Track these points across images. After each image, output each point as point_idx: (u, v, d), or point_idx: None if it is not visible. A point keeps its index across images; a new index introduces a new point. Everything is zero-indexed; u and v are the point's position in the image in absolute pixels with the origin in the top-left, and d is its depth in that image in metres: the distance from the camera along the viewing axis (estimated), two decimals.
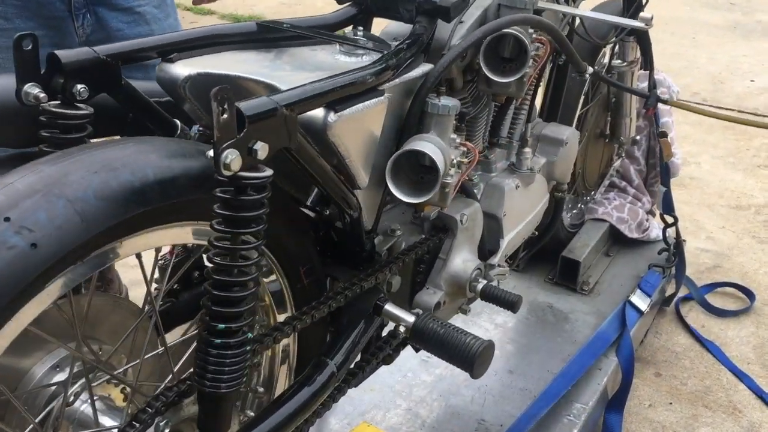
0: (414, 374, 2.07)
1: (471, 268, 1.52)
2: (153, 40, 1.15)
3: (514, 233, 1.68)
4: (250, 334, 0.95)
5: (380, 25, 1.46)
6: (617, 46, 2.21)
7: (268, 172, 0.91)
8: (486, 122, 1.68)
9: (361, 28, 1.33)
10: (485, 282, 1.49)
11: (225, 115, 0.83)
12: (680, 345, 2.55)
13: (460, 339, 1.23)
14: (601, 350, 2.13)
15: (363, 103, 1.05)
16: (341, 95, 1.01)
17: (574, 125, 1.98)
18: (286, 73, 1.14)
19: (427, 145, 1.21)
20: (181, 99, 1.14)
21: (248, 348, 0.95)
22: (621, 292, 2.42)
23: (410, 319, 1.30)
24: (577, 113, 2.00)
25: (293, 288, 1.26)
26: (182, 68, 1.13)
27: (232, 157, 0.84)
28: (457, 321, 2.22)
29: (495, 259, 1.63)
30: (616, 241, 2.66)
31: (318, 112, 1.01)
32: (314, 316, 1.20)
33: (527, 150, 1.69)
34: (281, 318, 1.26)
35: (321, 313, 1.20)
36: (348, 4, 1.41)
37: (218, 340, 0.93)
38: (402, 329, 1.29)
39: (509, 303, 1.45)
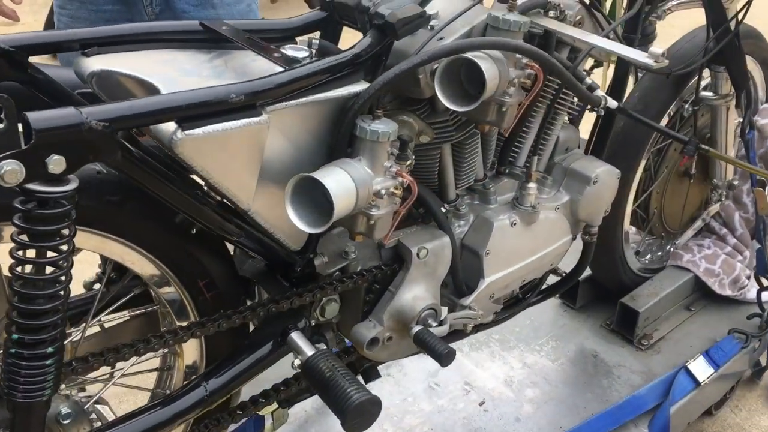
0: (414, 400, 1.96)
1: (420, 307, 1.39)
2: (78, 32, 1.15)
3: (500, 275, 1.51)
4: (51, 348, 0.92)
5: None
6: (712, 77, 1.91)
7: (69, 185, 0.87)
8: (487, 149, 1.52)
9: (316, 36, 1.24)
10: (420, 327, 1.36)
11: (1, 125, 0.80)
12: (760, 428, 2.19)
13: (342, 386, 1.13)
14: (629, 416, 1.88)
15: (227, 123, 0.97)
16: (188, 113, 0.94)
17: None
18: (191, 78, 1.09)
19: (334, 174, 1.11)
20: (94, 93, 1.13)
21: (49, 361, 0.93)
22: (687, 354, 2.11)
23: (308, 353, 1.21)
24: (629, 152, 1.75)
25: (195, 300, 1.22)
26: (92, 63, 1.12)
27: (7, 168, 0.81)
28: (484, 351, 2.08)
29: (467, 300, 1.48)
30: (705, 295, 2.33)
31: (166, 127, 0.95)
32: (201, 331, 1.15)
33: (531, 186, 1.51)
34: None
35: (206, 330, 1.15)
36: (317, 8, 1.33)
37: (14, 350, 0.91)
38: (297, 362, 1.21)
39: (437, 355, 1.31)
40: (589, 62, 1.60)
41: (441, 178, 1.47)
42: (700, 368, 2.01)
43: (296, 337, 1.25)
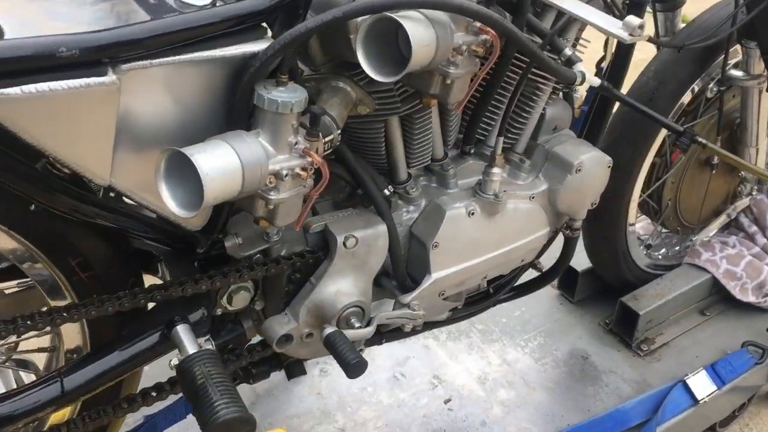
0: (374, 390, 1.79)
1: (343, 304, 1.21)
2: None
3: (451, 271, 1.31)
4: None
5: None
6: (743, 53, 1.63)
7: None
8: (446, 124, 1.30)
9: None
10: (334, 329, 1.17)
11: None
12: None
13: (210, 398, 0.96)
14: None
15: (55, 82, 0.80)
16: (7, 68, 0.77)
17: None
18: (58, 23, 0.92)
19: (212, 149, 0.92)
20: None
21: None
22: (691, 365, 1.88)
23: (188, 352, 1.05)
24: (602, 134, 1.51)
25: (70, 280, 1.07)
26: None
27: None
28: (462, 342, 1.89)
29: (407, 298, 1.29)
30: (723, 300, 2.07)
31: None
32: (62, 318, 1.00)
33: (495, 171, 1.29)
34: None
35: (69, 317, 1.00)
36: None
37: None
38: (174, 362, 1.05)
39: (344, 365, 1.13)
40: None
41: (389, 156, 1.27)
42: (701, 384, 1.78)
43: (182, 331, 1.09)
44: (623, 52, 1.41)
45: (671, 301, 1.93)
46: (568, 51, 1.20)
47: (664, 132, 1.68)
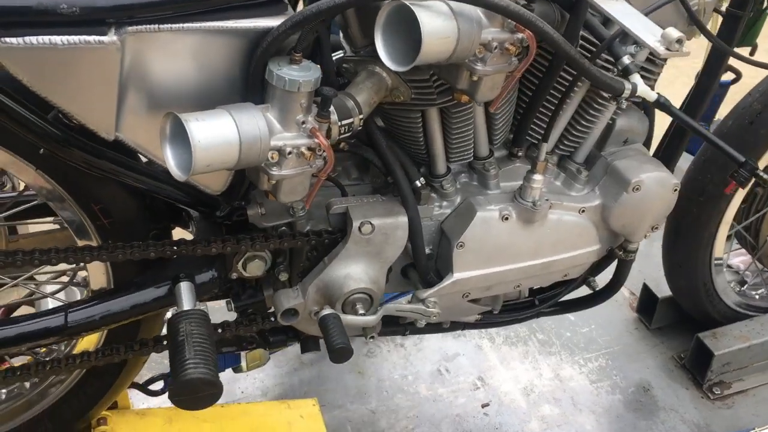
0: (415, 379, 1.78)
1: (350, 288, 1.20)
2: None
3: (475, 273, 1.27)
4: None
5: None
6: None
7: None
8: (492, 122, 1.25)
9: None
10: (331, 311, 1.17)
11: None
12: None
13: (183, 355, 1.00)
14: None
15: (55, 36, 0.84)
16: (7, 19, 0.83)
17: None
18: None
19: (211, 118, 0.94)
20: None
21: None
22: (766, 419, 1.71)
23: (182, 308, 1.09)
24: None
25: (94, 224, 1.14)
26: None
27: None
28: (519, 348, 1.82)
29: (424, 294, 1.26)
30: None
31: None
32: (85, 256, 1.08)
33: (536, 177, 1.22)
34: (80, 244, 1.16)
35: (92, 257, 1.08)
36: None
37: None
38: (168, 314, 1.10)
39: (329, 347, 1.12)
40: None
41: (428, 147, 1.24)
42: None
43: (183, 288, 1.13)
44: (714, 61, 1.28)
45: (757, 347, 1.76)
46: (626, 60, 1.10)
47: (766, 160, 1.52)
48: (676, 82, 1.57)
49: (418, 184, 1.24)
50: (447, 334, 1.89)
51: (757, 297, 1.87)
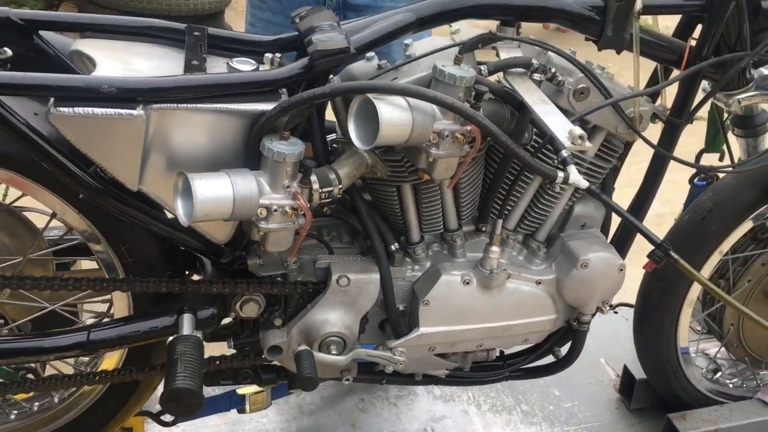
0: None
1: (326, 331, 1.41)
2: (82, 16, 1.38)
3: (439, 329, 1.46)
4: None
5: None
6: None
7: None
8: (459, 200, 1.47)
9: (279, 56, 1.33)
10: (305, 348, 1.37)
11: None
12: None
13: (176, 369, 1.22)
14: None
15: (96, 108, 1.12)
16: (63, 94, 1.11)
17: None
18: (136, 66, 1.26)
19: (213, 179, 1.19)
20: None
21: None
22: None
23: (181, 333, 1.32)
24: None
25: (121, 261, 1.40)
26: (77, 43, 1.34)
27: None
28: (502, 416, 1.96)
29: (392, 343, 1.46)
30: None
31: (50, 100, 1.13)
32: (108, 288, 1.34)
33: (493, 249, 1.43)
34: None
35: (114, 287, 1.33)
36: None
37: None
38: (170, 338, 1.32)
39: (298, 376, 1.32)
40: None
41: (403, 218, 1.47)
42: None
43: (186, 318, 1.36)
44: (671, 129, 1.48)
45: (723, 431, 1.86)
46: (564, 153, 1.32)
47: (722, 252, 1.67)
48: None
49: (393, 248, 1.46)
50: (437, 397, 2.05)
51: (730, 386, 1.97)
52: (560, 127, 1.19)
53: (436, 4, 1.34)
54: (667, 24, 1.50)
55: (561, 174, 1.28)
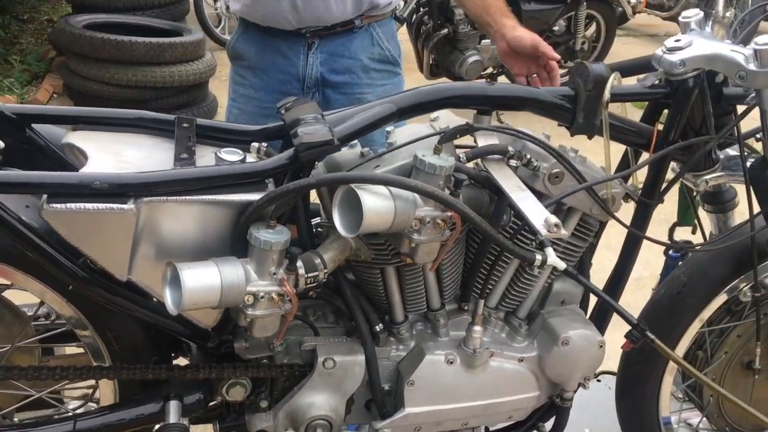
0: None
1: (312, 414, 1.42)
2: (73, 110, 1.43)
3: (424, 409, 1.48)
4: None
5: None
6: None
7: None
8: (441, 281, 1.50)
9: (265, 145, 1.38)
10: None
11: None
12: None
13: None
14: None
15: (88, 204, 1.16)
16: (57, 190, 1.15)
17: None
18: (126, 159, 1.30)
19: (201, 267, 1.22)
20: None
21: None
22: None
23: (167, 422, 1.33)
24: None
25: (108, 348, 1.41)
26: (70, 136, 1.38)
27: None
28: None
29: (379, 424, 1.47)
30: None
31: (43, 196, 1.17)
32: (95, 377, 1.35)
33: (476, 328, 1.46)
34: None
35: (101, 375, 1.34)
36: None
37: None
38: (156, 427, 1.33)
39: None
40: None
41: (387, 299, 1.50)
42: None
43: (172, 405, 1.38)
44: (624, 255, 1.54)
45: None
46: (542, 235, 1.36)
47: (699, 323, 1.71)
48: None
49: (378, 329, 1.49)
50: None
51: None
52: (537, 215, 1.23)
53: (416, 95, 1.41)
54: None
55: (539, 257, 1.33)
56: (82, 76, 4.34)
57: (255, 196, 1.27)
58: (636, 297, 2.04)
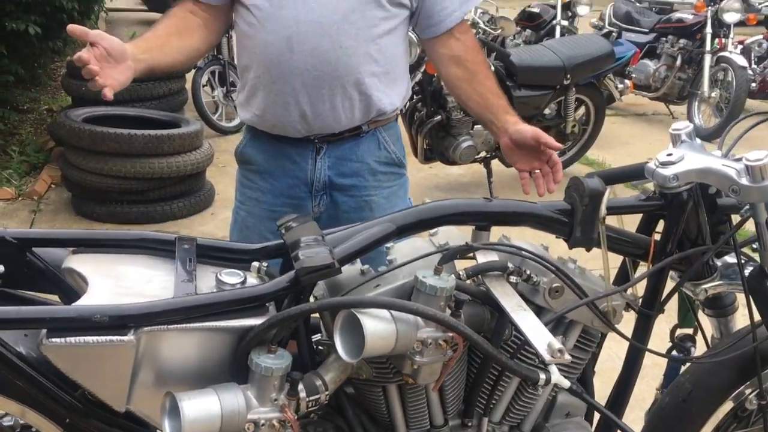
0: None
1: None
2: (73, 233, 1.44)
3: None
4: None
5: None
6: None
7: None
8: (444, 396, 1.49)
9: (266, 264, 1.39)
10: None
11: None
12: None
13: None
14: None
15: (88, 337, 1.15)
16: (56, 325, 1.14)
17: None
18: (127, 285, 1.30)
19: (200, 397, 1.21)
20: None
21: None
22: None
23: None
24: None
25: None
26: (71, 260, 1.38)
27: None
28: None
29: None
30: None
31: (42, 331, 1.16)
32: None
33: None
34: None
35: None
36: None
37: None
38: None
39: None
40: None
41: (389, 416, 1.48)
42: None
43: None
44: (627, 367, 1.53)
45: None
46: (547, 352, 1.35)
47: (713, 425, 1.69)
48: None
49: None
50: None
51: None
52: (540, 339, 1.23)
53: (415, 213, 1.42)
54: None
55: (543, 376, 1.32)
56: (80, 168, 4.38)
57: (256, 321, 1.27)
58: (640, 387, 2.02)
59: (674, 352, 1.86)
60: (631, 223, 1.57)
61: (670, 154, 1.45)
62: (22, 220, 4.44)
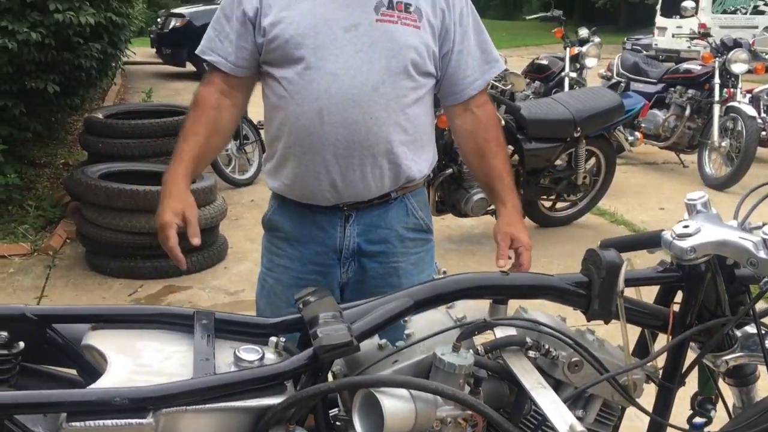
0: None
1: None
2: (92, 308, 1.45)
3: None
4: None
5: None
6: None
7: None
8: None
9: (283, 339, 1.39)
10: None
11: None
12: None
13: None
14: None
15: (107, 420, 1.15)
16: (76, 409, 1.14)
17: None
18: (146, 361, 1.31)
19: None
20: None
21: None
22: None
23: None
24: None
25: None
26: (90, 336, 1.39)
27: None
28: None
29: None
30: None
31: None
32: None
33: None
34: None
35: None
36: None
37: None
38: None
39: None
40: None
41: None
42: None
43: None
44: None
45: None
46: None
47: None
48: None
49: None
50: None
51: None
52: (561, 420, 1.22)
53: (432, 287, 1.43)
54: None
55: None
56: (95, 224, 4.42)
57: (275, 400, 1.26)
58: None
59: (696, 419, 1.84)
60: (648, 291, 1.57)
61: (686, 226, 1.45)
62: (38, 276, 4.46)
